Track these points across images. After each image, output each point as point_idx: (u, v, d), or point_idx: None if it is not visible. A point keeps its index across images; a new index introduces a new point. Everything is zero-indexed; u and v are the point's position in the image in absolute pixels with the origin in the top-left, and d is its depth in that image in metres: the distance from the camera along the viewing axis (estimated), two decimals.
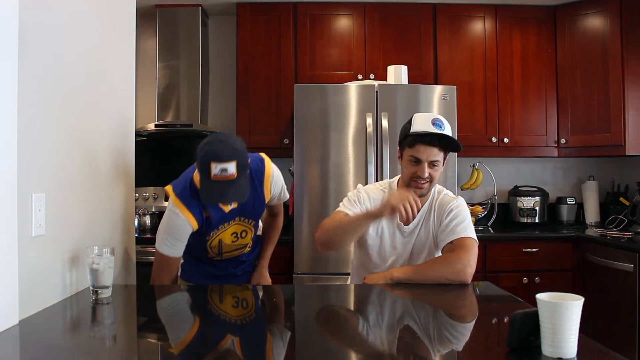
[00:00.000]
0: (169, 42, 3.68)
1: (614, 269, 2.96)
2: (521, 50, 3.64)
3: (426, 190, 1.89)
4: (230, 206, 1.96)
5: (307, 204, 3.09)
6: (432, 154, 1.84)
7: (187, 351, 1.23)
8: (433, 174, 1.87)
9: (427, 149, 1.84)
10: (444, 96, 3.11)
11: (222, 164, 1.74)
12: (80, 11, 1.83)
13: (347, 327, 1.48)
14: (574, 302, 1.09)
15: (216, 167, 1.74)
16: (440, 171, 1.90)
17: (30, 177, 1.49)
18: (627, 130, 3.37)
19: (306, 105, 3.09)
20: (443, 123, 1.86)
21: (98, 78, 2.00)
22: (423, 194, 1.90)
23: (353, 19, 3.62)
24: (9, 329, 1.32)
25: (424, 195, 1.91)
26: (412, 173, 1.87)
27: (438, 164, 1.86)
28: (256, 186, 2.00)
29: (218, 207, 1.94)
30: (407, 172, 1.89)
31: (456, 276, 1.77)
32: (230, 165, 1.75)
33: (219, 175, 1.75)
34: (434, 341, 1.32)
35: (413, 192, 1.77)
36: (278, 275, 3.06)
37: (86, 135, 1.89)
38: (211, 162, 1.74)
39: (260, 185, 2.01)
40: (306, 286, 2.64)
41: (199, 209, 1.90)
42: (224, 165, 1.74)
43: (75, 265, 1.75)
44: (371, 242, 1.95)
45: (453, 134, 3.04)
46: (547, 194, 3.73)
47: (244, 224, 2.04)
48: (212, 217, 1.94)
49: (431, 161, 1.85)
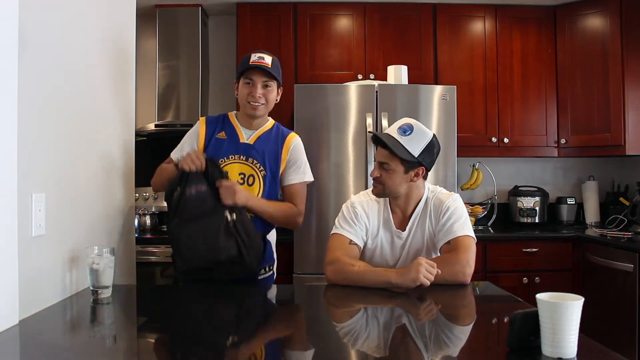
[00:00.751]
0: (169, 42, 3.68)
1: (614, 269, 2.96)
2: (521, 50, 3.64)
3: (380, 192, 1.90)
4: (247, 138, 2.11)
5: (307, 204, 3.07)
6: (380, 155, 1.88)
7: (187, 351, 1.23)
8: (385, 177, 1.87)
9: (378, 150, 1.90)
10: (444, 96, 3.11)
11: (260, 54, 2.07)
12: (80, 11, 1.83)
13: (347, 327, 1.48)
14: (574, 302, 1.09)
15: (255, 55, 2.06)
16: (398, 178, 1.86)
17: (30, 177, 1.49)
18: (627, 130, 3.37)
19: (306, 105, 3.09)
20: (411, 130, 1.84)
21: (98, 78, 2.00)
22: (378, 194, 1.92)
23: (353, 19, 3.62)
24: (9, 329, 1.32)
25: (379, 196, 1.93)
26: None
27: (389, 168, 1.86)
28: (278, 139, 2.15)
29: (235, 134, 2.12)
30: None
31: (455, 277, 1.76)
32: (267, 57, 2.07)
33: (256, 60, 2.04)
34: (433, 342, 1.32)
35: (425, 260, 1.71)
36: (278, 275, 3.05)
37: (86, 135, 1.89)
38: (252, 53, 2.07)
39: (282, 140, 2.15)
40: (306, 286, 2.64)
41: (214, 126, 2.14)
42: (262, 55, 2.07)
43: (75, 265, 1.75)
44: (371, 251, 1.95)
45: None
46: (547, 194, 3.73)
47: (253, 167, 2.08)
48: (225, 142, 2.10)
49: (380, 162, 1.88)
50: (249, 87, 2.07)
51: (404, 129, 1.85)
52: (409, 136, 1.84)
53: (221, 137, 2.12)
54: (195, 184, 1.95)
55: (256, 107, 2.07)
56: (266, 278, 2.16)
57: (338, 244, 1.89)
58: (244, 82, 2.08)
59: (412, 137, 1.84)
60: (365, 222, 1.92)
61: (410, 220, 1.93)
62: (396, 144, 1.82)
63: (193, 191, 1.95)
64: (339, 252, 1.86)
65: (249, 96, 2.07)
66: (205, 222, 1.92)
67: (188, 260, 1.92)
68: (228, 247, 1.91)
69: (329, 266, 1.85)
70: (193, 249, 1.90)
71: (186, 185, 1.94)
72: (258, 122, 2.14)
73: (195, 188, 1.95)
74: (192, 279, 1.99)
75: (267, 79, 2.07)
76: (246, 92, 2.07)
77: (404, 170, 1.86)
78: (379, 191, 1.91)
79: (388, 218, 1.94)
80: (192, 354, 1.21)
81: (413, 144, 1.84)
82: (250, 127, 2.14)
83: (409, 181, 1.88)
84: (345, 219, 1.93)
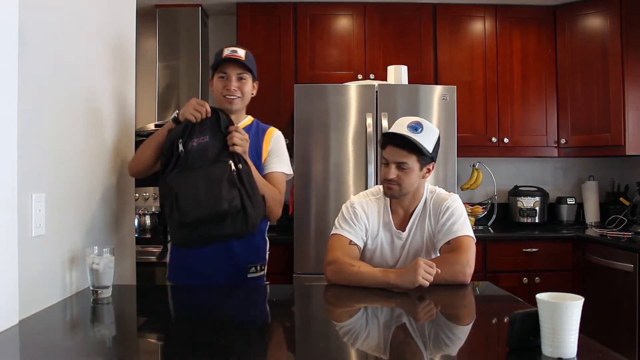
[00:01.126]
0: (169, 42, 3.68)
1: (614, 269, 2.96)
2: (521, 50, 3.64)
3: (396, 192, 1.88)
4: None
5: (307, 204, 3.09)
6: (398, 155, 1.84)
7: (186, 351, 1.22)
8: (402, 177, 1.85)
9: (393, 151, 1.85)
10: (444, 96, 3.11)
11: (233, 47, 2.07)
12: (80, 11, 1.83)
13: (347, 327, 1.48)
14: (574, 302, 1.09)
15: (228, 49, 2.05)
16: (414, 176, 1.86)
17: (30, 177, 1.49)
18: (627, 130, 3.37)
19: (306, 105, 3.09)
20: (421, 127, 1.84)
21: (98, 78, 2.00)
22: (394, 196, 1.89)
23: (353, 19, 3.62)
24: (9, 329, 1.32)
25: (395, 197, 1.91)
26: (383, 175, 1.88)
27: (407, 167, 1.85)
28: (258, 134, 2.12)
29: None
30: (381, 174, 1.91)
31: (455, 277, 1.77)
32: (240, 50, 2.06)
33: (229, 54, 2.04)
34: (432, 341, 1.32)
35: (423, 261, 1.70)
36: (278, 275, 3.07)
37: (86, 135, 1.89)
38: (224, 48, 2.06)
39: (262, 134, 2.13)
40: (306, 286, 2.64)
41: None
42: (235, 48, 2.06)
43: (75, 265, 1.75)
44: (371, 251, 1.95)
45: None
46: (547, 194, 3.73)
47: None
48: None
49: (398, 163, 1.85)
50: (223, 81, 2.04)
51: (414, 127, 1.84)
52: (421, 133, 1.84)
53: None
54: (197, 136, 1.88)
55: (232, 100, 2.04)
56: (257, 278, 2.11)
57: (338, 245, 1.89)
58: (218, 76, 2.05)
59: (424, 133, 1.84)
60: (365, 222, 1.92)
61: (410, 221, 1.93)
62: (416, 141, 1.82)
63: (194, 143, 1.87)
64: (338, 253, 1.86)
65: (224, 90, 2.03)
66: (207, 171, 1.83)
67: (186, 211, 1.78)
68: (231, 197, 1.80)
69: (328, 266, 1.85)
70: (193, 198, 1.79)
71: (187, 139, 1.86)
72: (236, 118, 2.07)
73: (197, 140, 1.87)
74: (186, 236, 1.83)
75: (241, 71, 2.04)
76: (221, 86, 2.04)
77: (419, 168, 1.87)
78: (395, 192, 1.88)
79: (388, 218, 1.94)
80: (192, 354, 1.20)
81: (427, 140, 1.85)
82: None
83: (421, 178, 1.90)
84: (345, 220, 1.93)
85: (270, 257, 2.24)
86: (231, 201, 1.80)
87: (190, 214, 1.79)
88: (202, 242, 1.87)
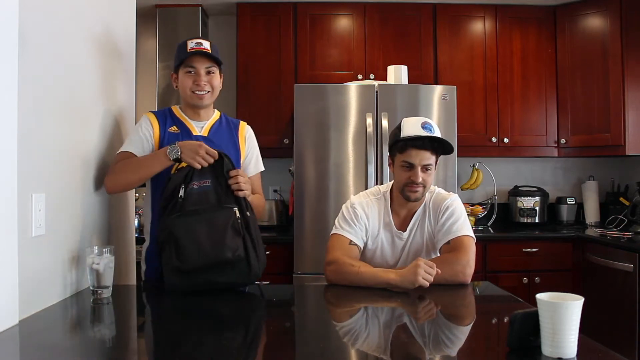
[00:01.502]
0: (169, 42, 3.67)
1: (614, 269, 2.96)
2: (521, 50, 3.64)
3: (420, 194, 1.88)
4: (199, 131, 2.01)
5: (307, 204, 3.09)
6: (424, 157, 1.84)
7: (186, 351, 1.22)
8: (426, 179, 1.86)
9: (419, 153, 1.83)
10: (444, 96, 3.11)
11: (197, 39, 1.99)
12: (80, 11, 1.83)
13: (347, 327, 1.48)
14: (574, 302, 1.09)
15: (192, 42, 1.98)
16: (433, 175, 1.89)
17: (30, 177, 1.49)
18: (627, 130, 3.37)
19: (306, 105, 3.09)
20: (432, 126, 1.86)
21: (98, 78, 2.00)
22: (418, 198, 1.89)
23: (353, 19, 3.62)
24: (9, 329, 1.32)
25: (418, 199, 1.90)
26: (405, 179, 1.86)
27: (431, 168, 1.86)
28: (231, 128, 2.08)
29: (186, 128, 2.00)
30: (401, 178, 1.88)
31: (455, 277, 1.77)
32: (205, 42, 1.99)
33: (195, 47, 1.96)
34: (433, 341, 1.32)
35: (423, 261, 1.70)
36: (278, 275, 3.07)
37: (86, 135, 1.89)
38: (187, 41, 1.98)
39: (235, 129, 2.09)
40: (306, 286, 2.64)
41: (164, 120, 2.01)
42: (200, 41, 1.99)
43: (75, 265, 1.75)
44: (372, 251, 1.95)
45: (450, 135, 3.07)
46: (547, 194, 3.73)
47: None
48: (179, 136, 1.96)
49: (424, 165, 1.84)
50: (191, 76, 1.97)
51: (428, 128, 1.84)
52: (435, 133, 1.86)
53: (174, 131, 1.99)
54: (199, 179, 1.80)
55: (202, 96, 1.97)
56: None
57: (338, 245, 1.89)
58: (185, 71, 1.98)
59: (437, 132, 1.87)
60: (365, 222, 1.92)
61: (411, 221, 1.93)
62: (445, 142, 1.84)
63: (195, 186, 1.79)
64: (338, 253, 1.86)
65: (193, 85, 1.96)
66: (210, 216, 1.76)
67: (186, 258, 1.70)
68: (235, 246, 1.74)
69: (328, 266, 1.85)
70: (195, 244, 1.71)
71: (190, 181, 1.79)
72: (205, 113, 2.04)
73: (197, 182, 1.80)
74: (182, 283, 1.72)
75: (209, 65, 1.98)
76: (190, 82, 1.96)
77: (435, 167, 1.89)
78: (420, 194, 1.88)
79: (388, 219, 1.94)
80: (192, 354, 1.20)
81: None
82: (198, 118, 2.03)
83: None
84: (345, 220, 1.93)
85: (270, 257, 2.24)
86: (235, 250, 1.74)
87: (191, 262, 1.71)
88: (198, 288, 1.74)
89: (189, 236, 1.72)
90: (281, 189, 3.79)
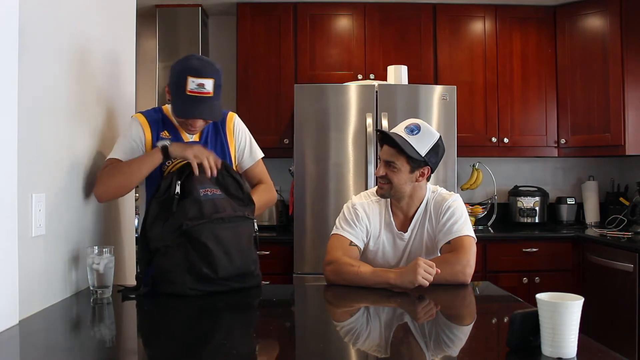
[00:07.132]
0: (169, 42, 3.68)
1: (614, 269, 2.96)
2: (521, 51, 3.64)
3: (386, 192, 1.89)
4: (191, 137, 1.91)
5: (307, 204, 3.09)
6: (387, 154, 1.86)
7: (186, 351, 1.22)
8: (391, 176, 1.86)
9: (385, 149, 1.88)
10: (443, 96, 3.11)
11: (200, 79, 1.73)
12: (81, 11, 1.83)
13: (347, 327, 1.48)
14: (574, 302, 1.09)
15: (193, 82, 1.73)
16: (404, 177, 1.85)
17: (30, 177, 1.49)
18: (627, 130, 3.37)
19: (306, 105, 3.09)
20: (419, 130, 1.84)
21: (98, 78, 2.00)
22: (383, 195, 1.90)
23: (353, 19, 3.62)
24: (9, 329, 1.32)
25: (384, 197, 1.91)
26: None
27: (395, 167, 1.84)
28: (218, 126, 1.96)
29: (177, 134, 1.90)
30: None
31: (456, 277, 1.77)
32: (207, 82, 1.74)
33: (195, 90, 1.73)
34: (433, 341, 1.32)
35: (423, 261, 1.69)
36: (278, 275, 3.07)
37: (86, 135, 1.89)
38: (188, 76, 1.73)
39: (222, 125, 1.96)
40: (306, 286, 2.64)
41: (156, 125, 1.89)
42: (202, 81, 1.73)
43: (75, 265, 1.75)
44: (373, 252, 1.95)
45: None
46: (547, 194, 3.74)
47: None
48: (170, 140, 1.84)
49: (386, 161, 1.86)
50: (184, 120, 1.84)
51: (411, 128, 1.84)
52: (416, 135, 1.84)
53: (165, 136, 1.89)
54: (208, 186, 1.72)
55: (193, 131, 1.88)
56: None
57: (338, 245, 1.89)
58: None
59: (419, 136, 1.84)
60: (366, 223, 1.92)
61: (412, 222, 1.93)
62: (404, 142, 1.82)
63: (208, 192, 1.70)
64: (338, 253, 1.86)
65: (183, 124, 1.86)
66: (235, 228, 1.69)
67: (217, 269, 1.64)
68: (255, 258, 1.74)
69: (328, 266, 1.85)
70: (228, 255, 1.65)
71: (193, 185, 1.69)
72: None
73: (209, 189, 1.71)
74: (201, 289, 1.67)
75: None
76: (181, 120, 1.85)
77: (409, 170, 1.86)
78: (385, 191, 1.89)
79: (389, 220, 1.94)
80: (192, 354, 1.20)
81: (420, 143, 1.84)
82: None
83: (414, 181, 1.88)
84: (345, 220, 1.93)
85: (270, 257, 2.25)
86: (255, 262, 1.76)
87: (221, 271, 1.65)
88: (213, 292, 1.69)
89: (220, 247, 1.65)
90: (281, 189, 3.79)
